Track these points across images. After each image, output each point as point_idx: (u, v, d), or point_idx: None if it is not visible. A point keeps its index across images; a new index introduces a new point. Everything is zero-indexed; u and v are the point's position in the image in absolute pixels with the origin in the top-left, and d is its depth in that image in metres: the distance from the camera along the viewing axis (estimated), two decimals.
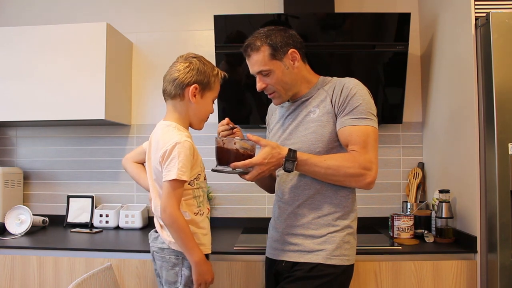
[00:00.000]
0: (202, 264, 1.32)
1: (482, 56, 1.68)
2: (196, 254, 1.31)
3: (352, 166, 1.31)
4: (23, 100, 2.16)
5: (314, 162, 1.31)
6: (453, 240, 1.87)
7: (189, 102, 1.36)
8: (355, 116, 1.34)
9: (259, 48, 1.37)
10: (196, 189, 1.38)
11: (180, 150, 1.27)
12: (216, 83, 1.40)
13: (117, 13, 2.50)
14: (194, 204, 1.36)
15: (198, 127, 1.44)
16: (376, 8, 2.38)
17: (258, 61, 1.38)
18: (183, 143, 1.28)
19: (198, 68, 1.35)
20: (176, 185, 1.26)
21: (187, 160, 1.27)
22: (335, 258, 1.35)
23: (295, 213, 1.41)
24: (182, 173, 1.26)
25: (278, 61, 1.38)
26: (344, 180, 1.34)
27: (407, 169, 2.36)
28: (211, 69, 1.39)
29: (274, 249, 1.46)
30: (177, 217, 1.26)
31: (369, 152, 1.32)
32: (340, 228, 1.38)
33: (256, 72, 1.41)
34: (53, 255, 1.82)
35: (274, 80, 1.40)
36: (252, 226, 2.29)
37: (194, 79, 1.34)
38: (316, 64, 2.24)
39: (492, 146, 1.61)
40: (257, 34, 1.40)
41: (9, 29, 2.22)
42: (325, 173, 1.32)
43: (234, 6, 2.44)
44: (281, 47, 1.37)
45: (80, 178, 2.48)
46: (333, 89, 1.40)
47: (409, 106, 2.34)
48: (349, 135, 1.34)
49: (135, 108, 2.48)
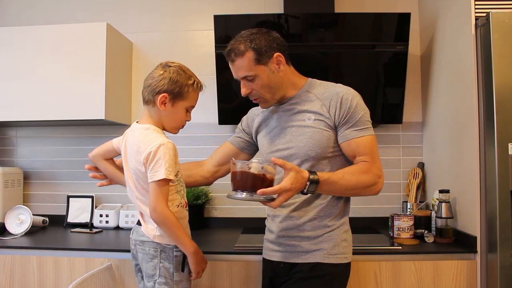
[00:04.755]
0: (197, 254, 1.37)
1: (482, 56, 1.68)
2: (191, 245, 1.36)
3: (368, 177, 1.33)
4: (23, 100, 2.16)
5: (335, 180, 1.28)
6: (453, 240, 1.87)
7: (159, 110, 1.38)
8: (359, 127, 1.36)
9: (244, 53, 1.34)
10: (177, 184, 1.41)
11: (165, 151, 1.31)
12: (190, 92, 1.38)
13: (117, 13, 2.50)
14: (177, 198, 1.40)
15: (173, 132, 1.45)
16: (376, 8, 2.37)
17: (243, 66, 1.35)
18: (167, 144, 1.32)
19: (170, 77, 1.36)
20: (163, 184, 1.31)
21: (172, 160, 1.32)
22: (334, 257, 1.36)
23: (289, 216, 1.41)
24: (169, 172, 1.30)
25: (263, 66, 1.36)
26: (361, 192, 1.35)
27: (407, 169, 2.35)
28: (186, 78, 1.37)
29: (271, 250, 1.46)
30: (167, 215, 1.31)
31: (377, 160, 1.36)
32: (336, 227, 1.39)
33: (240, 77, 1.38)
34: (53, 255, 1.82)
35: (259, 85, 1.38)
36: (252, 226, 2.29)
37: (165, 88, 1.35)
38: (316, 64, 2.27)
39: (492, 146, 1.61)
40: (240, 38, 1.37)
41: (9, 29, 2.22)
42: (345, 189, 1.31)
43: (234, 6, 2.44)
44: (266, 52, 1.35)
45: (80, 178, 2.48)
46: (329, 100, 1.38)
47: (409, 106, 2.34)
48: (357, 147, 1.35)
49: (135, 108, 2.48)
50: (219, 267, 1.74)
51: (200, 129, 2.42)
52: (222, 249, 1.79)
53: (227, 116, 2.27)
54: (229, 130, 2.42)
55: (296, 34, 2.19)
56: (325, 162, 1.38)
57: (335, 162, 1.40)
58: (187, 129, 1.51)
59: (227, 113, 2.26)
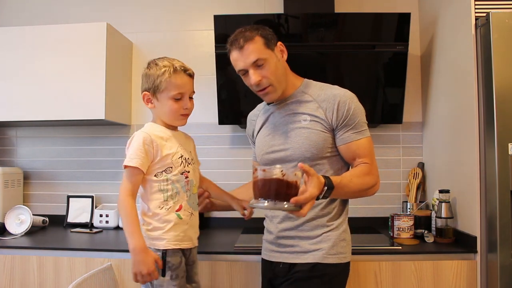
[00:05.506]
0: (137, 253, 1.26)
1: (482, 56, 1.68)
2: (132, 241, 1.26)
3: (370, 178, 1.36)
4: (23, 100, 2.16)
5: (345, 183, 1.27)
6: (453, 240, 1.87)
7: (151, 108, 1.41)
8: (357, 130, 1.37)
9: (253, 37, 1.34)
10: (164, 182, 1.35)
11: (133, 140, 1.35)
12: (167, 81, 1.34)
13: (117, 13, 2.50)
14: (159, 198, 1.35)
15: (176, 124, 1.44)
16: (376, 8, 2.38)
17: (255, 49, 1.33)
18: (138, 134, 1.35)
19: (145, 74, 1.39)
20: (128, 171, 1.33)
21: (137, 149, 1.32)
22: (333, 257, 1.36)
23: (288, 217, 1.41)
24: (129, 159, 1.32)
25: (271, 51, 1.37)
26: (364, 194, 1.37)
27: (407, 169, 2.36)
28: (157, 70, 1.36)
29: (270, 251, 1.46)
30: (123, 202, 1.30)
31: (374, 161, 1.40)
32: (334, 227, 1.39)
33: (251, 62, 1.34)
34: (53, 255, 1.82)
35: (269, 71, 1.35)
36: (252, 226, 2.29)
37: (144, 87, 1.40)
38: (316, 64, 2.27)
39: (492, 146, 1.61)
40: (243, 28, 1.37)
41: (9, 29, 2.22)
42: (353, 192, 1.33)
43: (234, 6, 2.44)
44: (271, 39, 1.37)
45: (80, 178, 2.48)
46: (326, 103, 1.38)
47: (409, 106, 2.34)
48: (357, 149, 1.37)
49: (135, 108, 2.48)
50: (219, 267, 1.74)
51: (200, 129, 2.41)
52: (222, 249, 1.79)
53: (227, 116, 2.27)
54: (229, 130, 2.42)
55: (296, 34, 2.19)
56: (324, 161, 1.39)
57: (332, 161, 1.40)
58: (186, 129, 1.50)
59: (227, 113, 2.26)
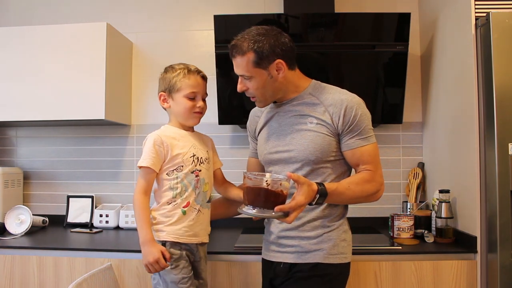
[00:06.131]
0: (145, 244, 1.37)
1: (482, 56, 1.68)
2: (141, 235, 1.38)
3: (372, 185, 1.37)
4: (23, 100, 2.16)
5: (341, 191, 1.31)
6: (453, 240, 1.87)
7: (167, 109, 1.51)
8: (363, 136, 1.37)
9: (244, 53, 1.33)
10: (174, 180, 1.42)
11: (146, 142, 1.44)
12: (182, 81, 1.44)
13: (117, 13, 2.50)
14: (168, 196, 1.42)
15: (190, 124, 1.52)
16: (376, 8, 2.37)
17: (241, 65, 1.36)
18: (150, 136, 1.44)
19: (162, 77, 1.49)
20: (142, 172, 1.42)
21: (149, 150, 1.41)
22: (333, 257, 1.36)
23: None
24: (142, 160, 1.40)
25: (262, 70, 1.35)
26: (364, 200, 1.40)
27: (407, 169, 2.35)
28: (173, 72, 1.46)
29: (271, 251, 1.46)
30: (136, 199, 1.40)
31: (379, 167, 1.39)
32: (335, 227, 1.39)
33: (238, 74, 1.40)
34: (53, 255, 1.82)
35: (254, 87, 1.38)
36: (252, 226, 2.29)
37: (161, 88, 1.50)
38: (316, 64, 2.26)
39: (492, 146, 1.61)
40: (247, 35, 1.35)
41: (9, 29, 2.22)
42: (350, 199, 1.36)
43: (234, 6, 2.44)
44: (267, 56, 1.33)
45: (80, 178, 2.48)
46: (333, 107, 1.37)
47: (409, 106, 2.34)
48: (361, 155, 1.37)
49: (135, 108, 2.48)
50: (219, 267, 1.74)
51: (200, 129, 2.37)
52: (222, 249, 1.79)
53: (227, 116, 2.26)
54: (229, 130, 2.42)
55: (296, 34, 2.18)
56: (328, 165, 1.39)
57: (336, 165, 1.40)
58: None
59: (227, 113, 2.26)
